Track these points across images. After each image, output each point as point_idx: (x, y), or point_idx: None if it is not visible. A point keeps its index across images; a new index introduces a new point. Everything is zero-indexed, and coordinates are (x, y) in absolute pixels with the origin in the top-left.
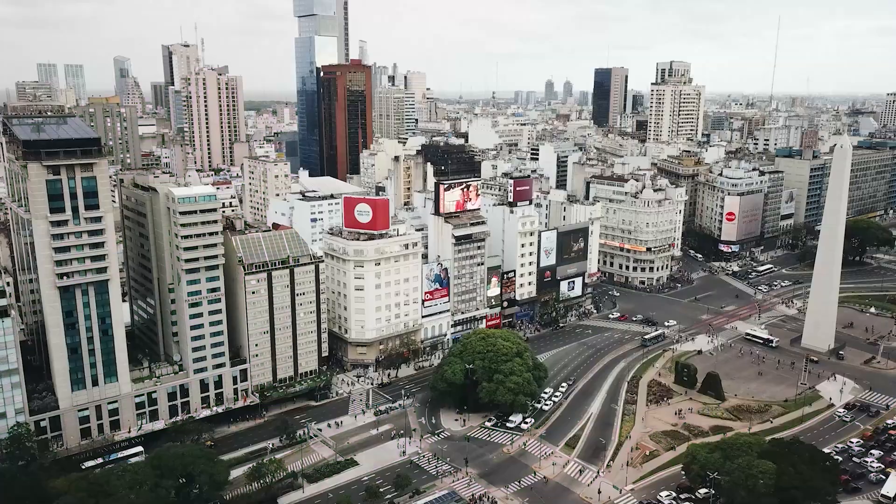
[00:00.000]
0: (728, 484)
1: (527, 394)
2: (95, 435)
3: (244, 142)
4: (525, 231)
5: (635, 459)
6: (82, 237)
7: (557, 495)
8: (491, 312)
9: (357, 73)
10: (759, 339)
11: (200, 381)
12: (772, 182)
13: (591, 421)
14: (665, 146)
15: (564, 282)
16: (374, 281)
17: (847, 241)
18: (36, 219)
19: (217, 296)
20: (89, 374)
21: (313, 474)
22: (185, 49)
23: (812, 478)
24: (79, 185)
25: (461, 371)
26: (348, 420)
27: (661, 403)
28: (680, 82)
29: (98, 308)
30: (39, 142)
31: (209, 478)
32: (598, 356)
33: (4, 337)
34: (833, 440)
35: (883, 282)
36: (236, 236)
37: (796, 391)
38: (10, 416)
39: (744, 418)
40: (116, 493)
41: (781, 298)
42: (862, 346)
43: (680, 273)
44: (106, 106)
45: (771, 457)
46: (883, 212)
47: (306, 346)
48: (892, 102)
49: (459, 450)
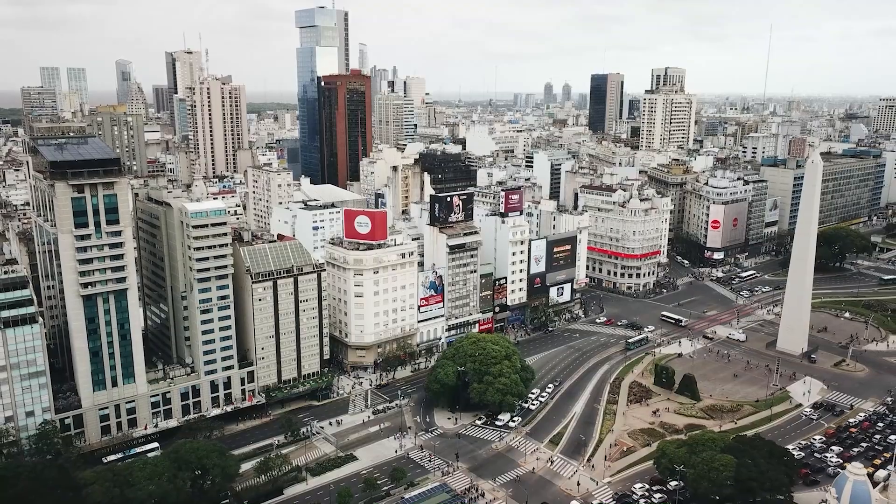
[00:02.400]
0: (693, 476)
1: (514, 394)
2: (115, 432)
3: (247, 149)
4: (516, 240)
5: (613, 455)
6: (104, 249)
7: (540, 487)
8: (483, 317)
9: (357, 83)
10: (671, 318)
11: (211, 382)
12: (756, 191)
13: (574, 420)
14: (656, 154)
15: (554, 288)
16: (373, 288)
17: (828, 248)
18: (62, 233)
19: (226, 303)
20: (109, 376)
21: (316, 468)
22: (188, 56)
23: (769, 470)
24: (101, 202)
25: (453, 373)
26: (348, 418)
27: (640, 403)
28: (672, 91)
29: (118, 314)
30: (66, 163)
31: (221, 470)
32: (585, 359)
33: (33, 342)
34: (798, 437)
35: (859, 287)
36: (244, 247)
37: (767, 392)
38: (37, 413)
39: (716, 417)
40: (138, 483)
41: (761, 303)
42: (834, 349)
43: (666, 279)
44: (113, 115)
45: (733, 452)
46: (867, 218)
47: (309, 350)
48: (885, 108)
49: (451, 446)
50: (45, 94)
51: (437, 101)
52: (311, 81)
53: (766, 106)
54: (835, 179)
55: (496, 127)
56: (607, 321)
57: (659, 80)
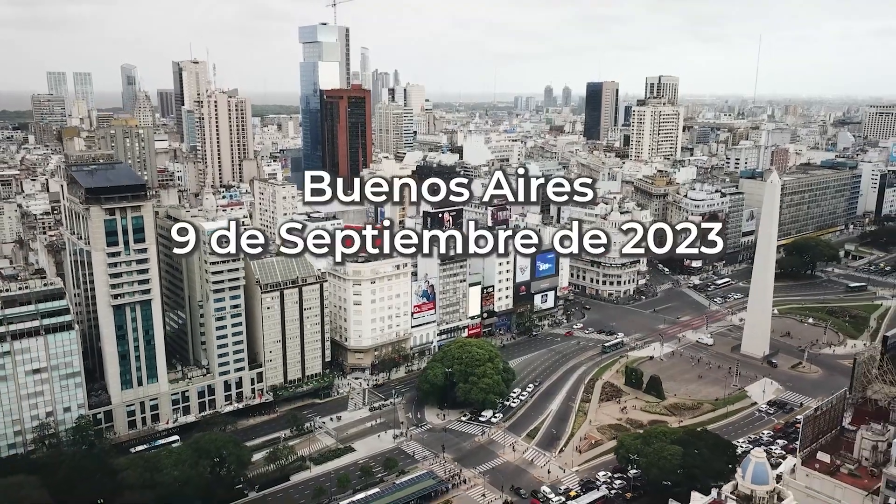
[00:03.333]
0: (644, 464)
1: (496, 393)
2: (140, 426)
3: (252, 159)
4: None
5: (582, 447)
6: (131, 265)
7: (515, 475)
8: (472, 322)
9: (357, 98)
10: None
11: (224, 381)
12: (733, 202)
13: (550, 416)
14: (643, 165)
15: (538, 295)
16: (370, 297)
17: (799, 257)
18: (95, 250)
19: (238, 311)
20: (136, 376)
21: (318, 458)
22: (194, 66)
23: (711, 459)
24: (129, 223)
25: (442, 374)
26: (347, 415)
27: (611, 402)
28: (660, 103)
29: (143, 322)
30: (99, 188)
31: (236, 458)
32: (564, 361)
33: (70, 346)
34: (749, 431)
35: (825, 294)
36: (254, 261)
37: (727, 392)
38: (73, 409)
39: (678, 414)
40: (165, 469)
41: (732, 309)
42: (794, 352)
43: (646, 286)
44: (126, 127)
45: (681, 443)
46: (844, 227)
47: (312, 353)
48: (876, 114)
49: (439, 439)
50: (54, 102)
51: (438, 104)
52: (313, 93)
53: (765, 109)
54: (811, 190)
55: (492, 137)
56: (580, 327)
57: (653, 88)
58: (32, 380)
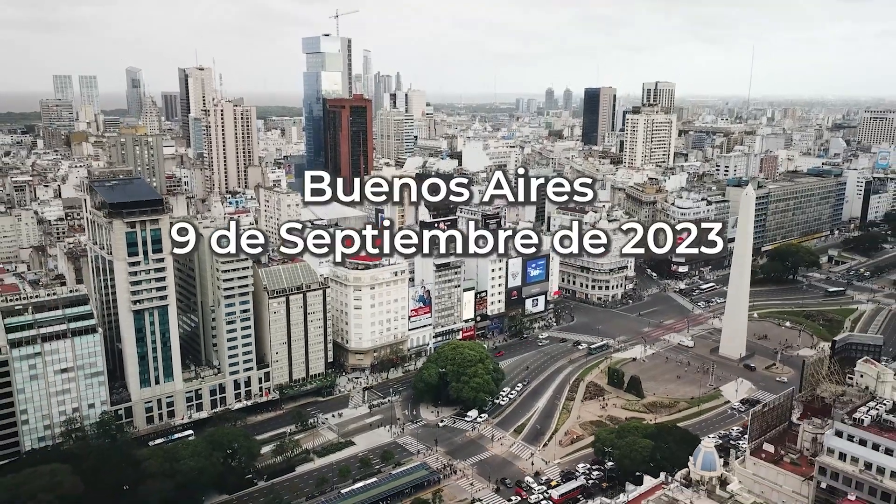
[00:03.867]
0: (618, 456)
1: (486, 392)
2: (157, 421)
3: (257, 165)
4: (495, 259)
5: (565, 442)
6: (150, 273)
7: (502, 466)
8: (466, 325)
9: (359, 108)
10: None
11: (234, 380)
12: (718, 210)
13: (536, 413)
14: (634, 172)
15: (529, 299)
16: (370, 301)
17: (781, 263)
18: (117, 260)
19: (247, 315)
20: (153, 376)
21: (321, 451)
22: (200, 72)
23: (678, 452)
24: (148, 235)
25: (436, 374)
26: (348, 412)
27: (594, 400)
28: (653, 112)
29: (160, 325)
30: (122, 203)
31: (247, 450)
32: (552, 362)
33: (94, 347)
34: (720, 427)
35: (805, 298)
36: (262, 268)
37: (702, 391)
38: (97, 406)
39: (655, 412)
40: (182, 459)
41: (714, 313)
42: (769, 354)
43: (634, 290)
44: (135, 136)
45: (652, 437)
46: (829, 233)
47: (315, 354)
48: (870, 119)
49: (433, 434)
50: (62, 107)
51: (439, 105)
52: (316, 102)
53: (765, 112)
54: (796, 198)
55: (490, 143)
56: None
57: (650, 94)
58: (60, 378)
